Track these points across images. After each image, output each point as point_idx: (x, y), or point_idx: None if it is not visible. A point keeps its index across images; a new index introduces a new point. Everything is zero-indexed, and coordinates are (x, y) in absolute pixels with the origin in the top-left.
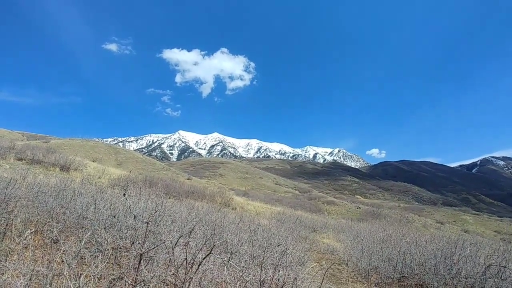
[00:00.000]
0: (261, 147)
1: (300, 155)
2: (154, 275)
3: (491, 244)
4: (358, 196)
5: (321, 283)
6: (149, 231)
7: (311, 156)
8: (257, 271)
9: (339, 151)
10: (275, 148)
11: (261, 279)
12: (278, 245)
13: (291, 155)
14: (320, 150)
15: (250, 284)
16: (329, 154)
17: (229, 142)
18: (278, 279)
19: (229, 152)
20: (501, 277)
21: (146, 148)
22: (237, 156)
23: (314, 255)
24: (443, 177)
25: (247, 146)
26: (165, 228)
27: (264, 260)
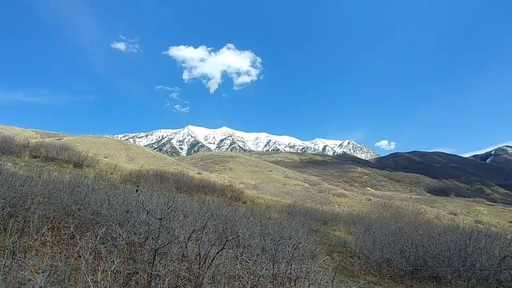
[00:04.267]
0: (270, 140)
1: (309, 148)
2: (169, 270)
3: (506, 235)
4: (368, 188)
5: (334, 276)
6: (162, 226)
7: (320, 149)
8: (269, 265)
9: (348, 143)
10: (284, 141)
11: (274, 273)
12: (289, 239)
13: (301, 147)
14: (330, 142)
15: (263, 278)
16: (339, 146)
17: (238, 136)
18: (291, 273)
19: (238, 146)
20: None
21: (156, 144)
22: (246, 150)
23: (325, 248)
24: (456, 168)
25: (256, 139)
26: (177, 223)
27: (276, 254)
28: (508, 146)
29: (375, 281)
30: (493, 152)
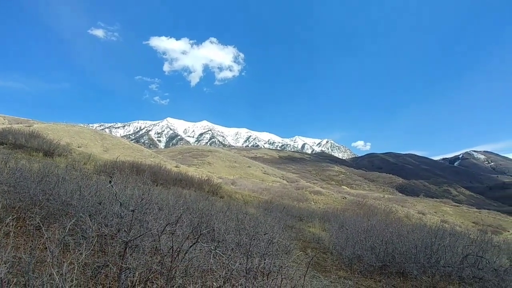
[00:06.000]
0: (250, 136)
1: (288, 145)
2: (140, 262)
3: (469, 235)
4: (344, 187)
5: (306, 271)
6: (135, 218)
7: (299, 146)
8: (243, 260)
9: (327, 142)
10: (264, 138)
11: (247, 267)
12: (264, 234)
13: (280, 144)
14: (309, 141)
15: (237, 272)
16: (317, 144)
17: (218, 131)
18: (264, 267)
19: (218, 140)
20: (477, 267)
21: (133, 135)
22: (226, 145)
23: (300, 243)
24: (427, 170)
25: (236, 135)
26: (151, 216)
27: (250, 249)
28: (474, 151)
29: (346, 276)
30: (460, 156)
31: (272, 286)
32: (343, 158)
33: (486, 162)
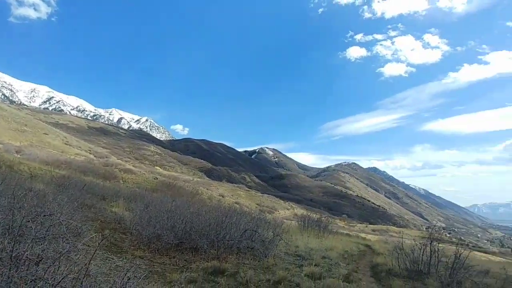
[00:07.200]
0: (53, 97)
1: (102, 117)
2: None
3: (252, 214)
4: (157, 167)
5: (93, 254)
6: None
7: (115, 120)
8: (9, 246)
9: (146, 120)
10: (72, 103)
11: (14, 255)
12: (50, 214)
13: (92, 114)
14: (127, 116)
15: None
16: (136, 121)
17: (5, 82)
18: (38, 254)
19: (4, 94)
20: (252, 239)
21: None
22: (15, 102)
23: (98, 224)
24: (231, 159)
25: (32, 92)
26: None
27: (24, 233)
28: (266, 147)
29: (142, 255)
30: (257, 150)
31: (45, 276)
32: (161, 139)
33: (273, 157)
